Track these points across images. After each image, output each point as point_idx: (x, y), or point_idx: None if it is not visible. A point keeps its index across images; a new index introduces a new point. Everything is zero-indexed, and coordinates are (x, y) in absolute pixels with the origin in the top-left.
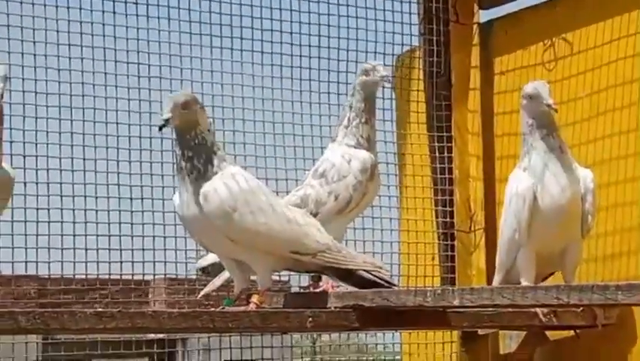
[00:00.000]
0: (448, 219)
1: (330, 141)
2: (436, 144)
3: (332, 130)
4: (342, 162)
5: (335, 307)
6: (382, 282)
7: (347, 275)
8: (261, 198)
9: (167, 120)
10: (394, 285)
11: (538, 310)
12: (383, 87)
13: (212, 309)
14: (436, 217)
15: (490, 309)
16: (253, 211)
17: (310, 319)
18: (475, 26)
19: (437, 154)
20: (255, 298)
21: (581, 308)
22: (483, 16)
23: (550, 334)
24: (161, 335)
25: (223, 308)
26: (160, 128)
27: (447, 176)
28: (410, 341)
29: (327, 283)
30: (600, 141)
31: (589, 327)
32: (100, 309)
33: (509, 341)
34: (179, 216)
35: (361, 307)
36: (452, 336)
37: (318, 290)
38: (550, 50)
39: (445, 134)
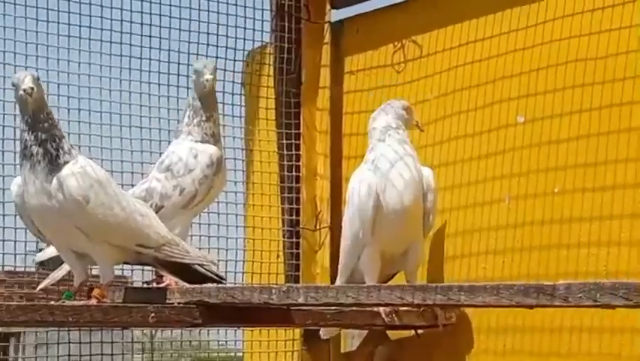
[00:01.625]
0: (294, 217)
1: (174, 137)
2: (285, 141)
3: (176, 126)
4: (189, 156)
5: (178, 303)
6: (214, 276)
7: (181, 270)
8: (111, 190)
9: (32, 89)
10: (224, 279)
11: (380, 309)
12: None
13: (52, 303)
14: (282, 215)
15: (334, 308)
16: (104, 203)
17: (153, 314)
18: (326, 25)
19: (285, 151)
20: (96, 292)
21: (422, 308)
22: (335, 15)
23: (391, 333)
24: None
25: (63, 302)
26: (29, 95)
27: (294, 174)
28: (252, 338)
29: (170, 278)
30: (446, 143)
31: (430, 327)
32: None
33: (351, 340)
34: (19, 205)
35: (205, 303)
36: (294, 334)
37: (161, 285)
38: (400, 52)
39: (293, 131)
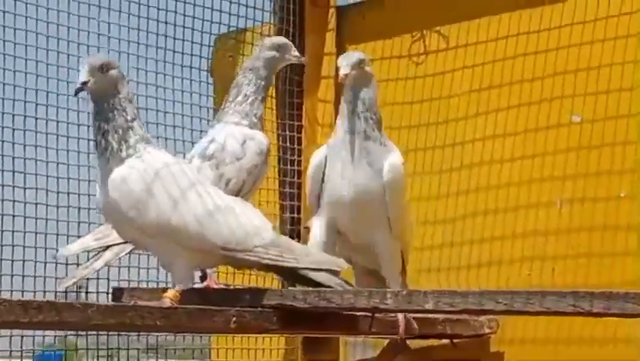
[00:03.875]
0: (295, 215)
1: (215, 119)
2: (287, 132)
3: (224, 106)
4: (235, 143)
5: (253, 307)
6: (333, 285)
7: (298, 276)
8: (184, 187)
9: (84, 84)
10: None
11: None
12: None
13: (141, 303)
14: (282, 212)
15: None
16: (170, 202)
17: (234, 319)
18: (332, 10)
19: (288, 144)
20: (170, 294)
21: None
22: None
23: (412, 343)
24: None
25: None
26: (76, 93)
27: (296, 168)
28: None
29: (209, 279)
30: (480, 142)
31: (476, 336)
32: (26, 299)
33: (354, 349)
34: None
35: (289, 307)
36: (271, 343)
37: (198, 286)
38: (420, 42)
39: (295, 123)
